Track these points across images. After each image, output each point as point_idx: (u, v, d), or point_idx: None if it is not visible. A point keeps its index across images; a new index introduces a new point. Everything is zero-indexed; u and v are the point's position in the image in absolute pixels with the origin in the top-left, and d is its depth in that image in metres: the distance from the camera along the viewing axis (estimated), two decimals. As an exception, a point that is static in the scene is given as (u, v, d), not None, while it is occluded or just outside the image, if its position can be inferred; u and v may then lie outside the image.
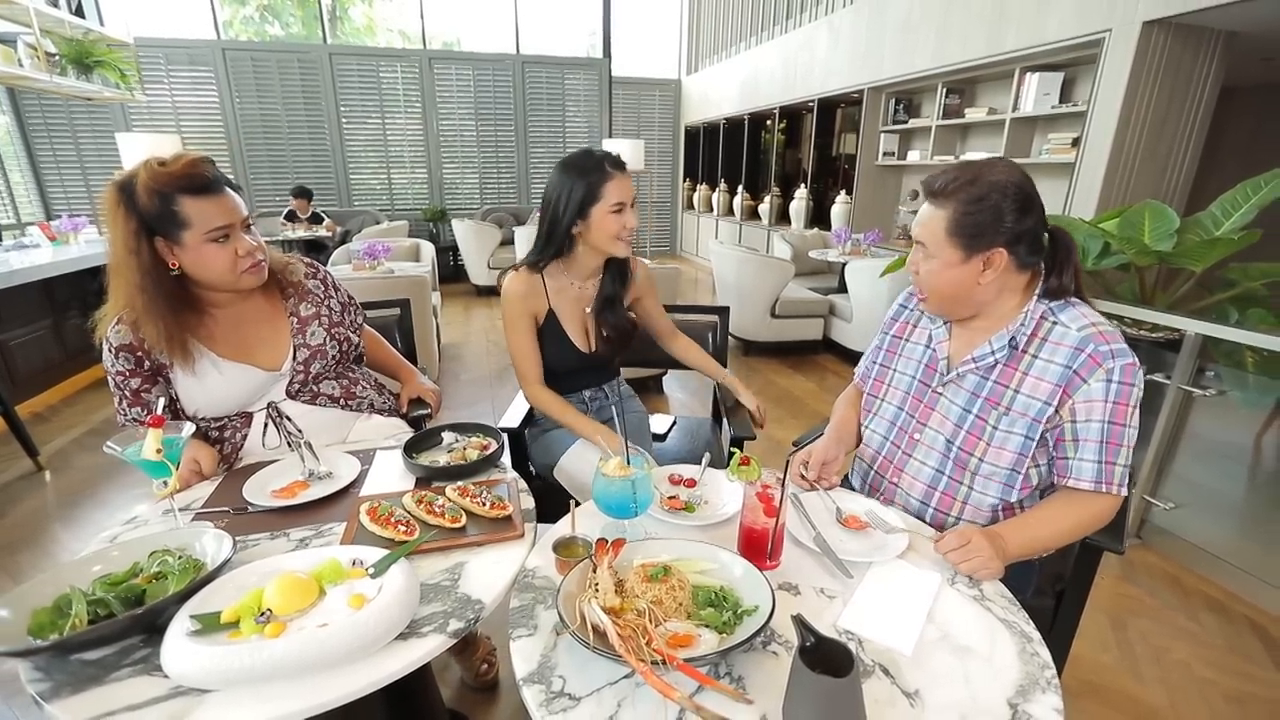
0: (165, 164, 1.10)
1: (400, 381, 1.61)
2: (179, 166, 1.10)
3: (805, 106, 6.19)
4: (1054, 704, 0.69)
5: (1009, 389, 1.01)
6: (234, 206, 1.16)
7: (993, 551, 0.90)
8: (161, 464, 0.89)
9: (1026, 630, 0.80)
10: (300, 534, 0.98)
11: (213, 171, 1.15)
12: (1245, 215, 2.18)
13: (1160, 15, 2.85)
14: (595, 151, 1.36)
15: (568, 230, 1.37)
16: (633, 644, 0.66)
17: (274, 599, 0.73)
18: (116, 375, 1.19)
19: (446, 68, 7.06)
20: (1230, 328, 1.80)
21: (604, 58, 7.68)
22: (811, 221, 6.15)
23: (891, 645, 0.76)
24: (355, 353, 1.47)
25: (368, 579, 0.79)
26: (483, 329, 5.19)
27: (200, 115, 6.35)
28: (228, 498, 1.08)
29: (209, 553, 0.85)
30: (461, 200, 7.53)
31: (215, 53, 6.20)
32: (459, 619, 0.78)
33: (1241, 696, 1.56)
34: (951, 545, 0.92)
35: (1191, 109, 3.14)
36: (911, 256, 1.07)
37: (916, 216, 1.04)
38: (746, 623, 0.75)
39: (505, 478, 1.14)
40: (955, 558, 0.91)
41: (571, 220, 1.35)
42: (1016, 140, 3.94)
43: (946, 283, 1.02)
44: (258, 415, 1.32)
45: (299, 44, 6.89)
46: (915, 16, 4.44)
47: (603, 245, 1.38)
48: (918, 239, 1.04)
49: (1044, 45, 3.44)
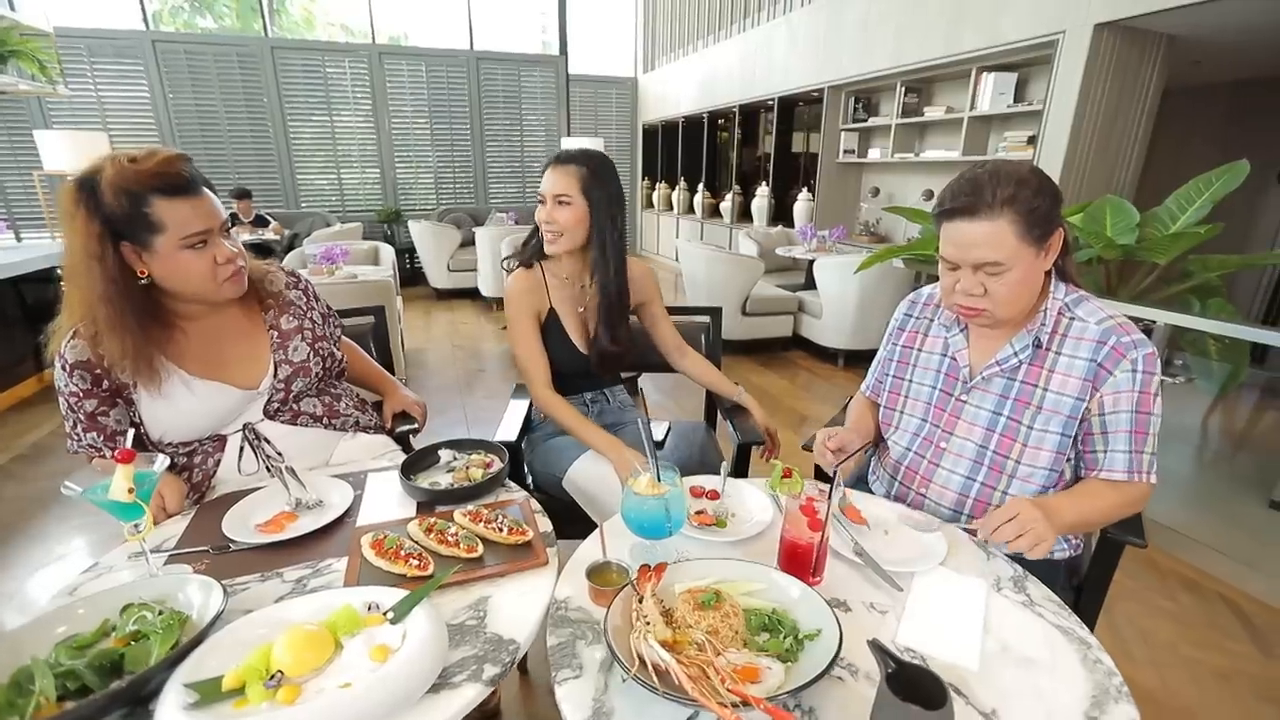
0: (136, 160, 0.97)
1: (382, 395, 1.50)
2: (152, 164, 0.97)
3: (765, 105, 6.24)
4: (1130, 714, 0.67)
5: (1038, 388, 1.00)
6: (213, 209, 1.04)
7: (1046, 522, 0.87)
8: (134, 505, 0.78)
9: (1083, 635, 0.78)
10: (295, 574, 0.88)
11: (190, 170, 1.03)
12: (1201, 209, 2.28)
13: (1110, 18, 2.98)
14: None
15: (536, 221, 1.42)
16: (704, 684, 0.60)
17: (284, 657, 0.64)
18: (70, 396, 1.06)
19: (397, 63, 6.80)
20: (1203, 318, 1.87)
21: (560, 55, 7.55)
22: (773, 219, 6.21)
23: (956, 661, 0.73)
24: (338, 368, 1.36)
25: (387, 625, 0.71)
26: (445, 334, 5.01)
27: (129, 111, 5.91)
28: (204, 535, 0.96)
29: (195, 604, 0.75)
30: (416, 201, 7.28)
31: (145, 45, 5.78)
32: (494, 663, 0.70)
33: (1228, 673, 1.62)
34: (1000, 519, 0.88)
35: (1138, 108, 3.29)
36: (965, 282, 0.97)
37: (957, 240, 0.95)
38: (809, 648, 0.70)
39: (516, 498, 1.07)
40: (1009, 531, 0.87)
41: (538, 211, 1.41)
42: (974, 138, 4.06)
43: (1027, 287, 0.96)
44: (232, 438, 1.19)
45: (238, 37, 6.50)
46: (873, 17, 4.52)
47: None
48: (986, 260, 0.93)
49: (1001, 46, 3.54)
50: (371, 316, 1.76)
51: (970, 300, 0.99)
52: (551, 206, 1.36)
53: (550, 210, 1.36)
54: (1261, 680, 1.59)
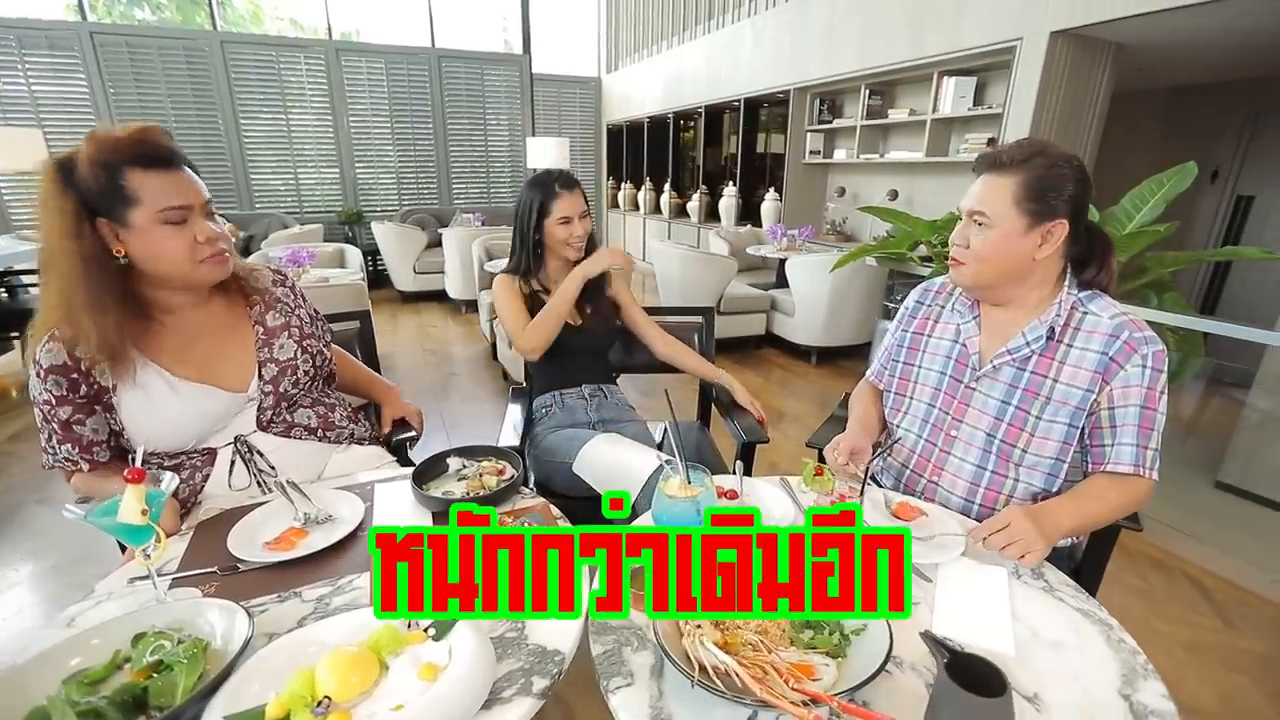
0: (112, 133, 0.95)
1: (378, 401, 1.45)
2: (126, 134, 0.95)
3: (731, 106, 6.30)
4: (1160, 690, 0.70)
5: (1048, 379, 1.03)
6: (192, 185, 1.01)
7: (1037, 532, 0.90)
8: (145, 527, 0.73)
9: (1103, 617, 0.82)
10: (315, 592, 0.84)
11: (168, 142, 0.99)
12: (1155, 208, 2.41)
13: (1065, 26, 3.12)
14: (552, 171, 1.58)
15: (533, 238, 1.57)
16: (769, 686, 0.60)
17: (330, 682, 0.61)
18: (44, 405, 1.01)
19: (356, 60, 6.59)
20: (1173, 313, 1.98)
21: (524, 54, 7.46)
22: (741, 218, 6.28)
23: (993, 648, 0.75)
24: (327, 369, 1.30)
25: (430, 643, 0.68)
26: (414, 339, 4.89)
27: (66, 107, 5.55)
28: (208, 555, 0.91)
29: (217, 630, 0.71)
30: (377, 201, 7.07)
31: (82, 37, 5.43)
32: (541, 675, 0.69)
33: (1196, 645, 1.72)
34: (991, 529, 0.92)
35: (1090, 112, 3.46)
36: (958, 231, 1.05)
37: (971, 190, 1.03)
38: (856, 643, 0.71)
39: (534, 504, 1.05)
40: (997, 541, 0.91)
41: (533, 229, 1.56)
42: (936, 139, 4.19)
43: (1002, 253, 1.00)
44: (223, 451, 1.14)
45: (185, 30, 6.19)
46: (837, 20, 4.62)
47: (557, 250, 1.58)
48: (973, 209, 1.01)
49: (961, 51, 3.67)
50: (357, 321, 1.70)
51: (955, 250, 1.06)
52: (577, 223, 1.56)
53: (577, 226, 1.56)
54: (1229, 650, 1.70)
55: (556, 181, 1.54)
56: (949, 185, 4.30)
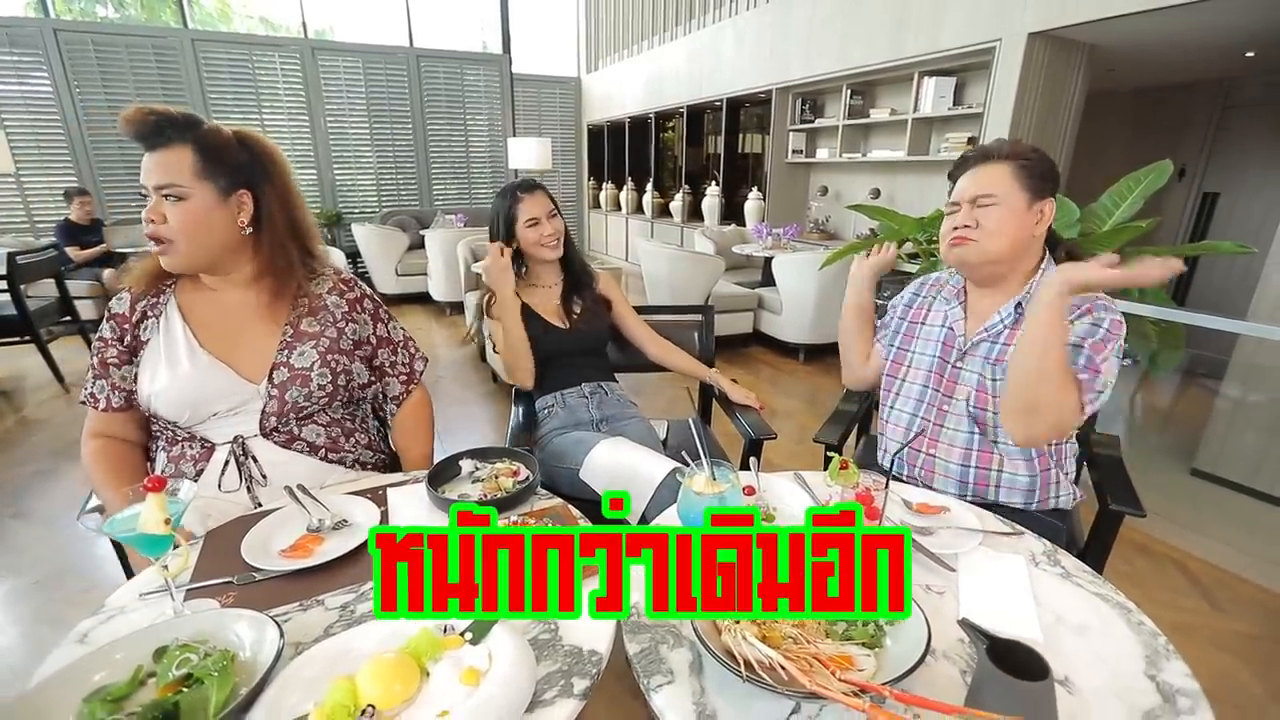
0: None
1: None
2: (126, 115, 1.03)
3: (713, 105, 6.33)
4: (1183, 670, 0.72)
5: (1010, 347, 1.13)
6: (150, 166, 1.04)
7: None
8: (163, 538, 0.71)
9: (1121, 600, 0.84)
10: (338, 599, 0.82)
11: (153, 120, 1.01)
12: (1134, 204, 2.48)
13: (1041, 28, 3.20)
14: (513, 181, 1.61)
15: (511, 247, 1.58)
16: (819, 678, 0.60)
17: (372, 690, 0.60)
18: (98, 341, 1.14)
19: (332, 59, 6.48)
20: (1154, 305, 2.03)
21: (504, 54, 7.41)
22: (724, 218, 6.32)
23: (1021, 634, 0.76)
24: (357, 391, 1.25)
25: (468, 647, 0.67)
26: (399, 341, 4.82)
27: (28, 107, 5.36)
28: (222, 565, 0.89)
29: (246, 642, 0.69)
30: (357, 203, 6.96)
31: (44, 34, 5.26)
32: (581, 676, 0.68)
33: (1185, 628, 1.77)
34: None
35: (1066, 111, 3.55)
36: (960, 217, 1.14)
37: (972, 178, 1.14)
38: (891, 633, 0.72)
39: (553, 504, 1.04)
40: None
41: (507, 236, 1.57)
42: (917, 139, 4.26)
43: (1010, 228, 1.10)
44: (220, 449, 1.12)
45: (155, 28, 6.03)
46: (819, 21, 4.68)
47: (535, 254, 1.59)
48: (979, 193, 1.12)
49: (941, 52, 3.74)
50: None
51: (963, 231, 1.14)
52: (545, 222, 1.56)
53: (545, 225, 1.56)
54: (1216, 632, 1.75)
55: (517, 189, 1.57)
56: (930, 184, 4.38)
